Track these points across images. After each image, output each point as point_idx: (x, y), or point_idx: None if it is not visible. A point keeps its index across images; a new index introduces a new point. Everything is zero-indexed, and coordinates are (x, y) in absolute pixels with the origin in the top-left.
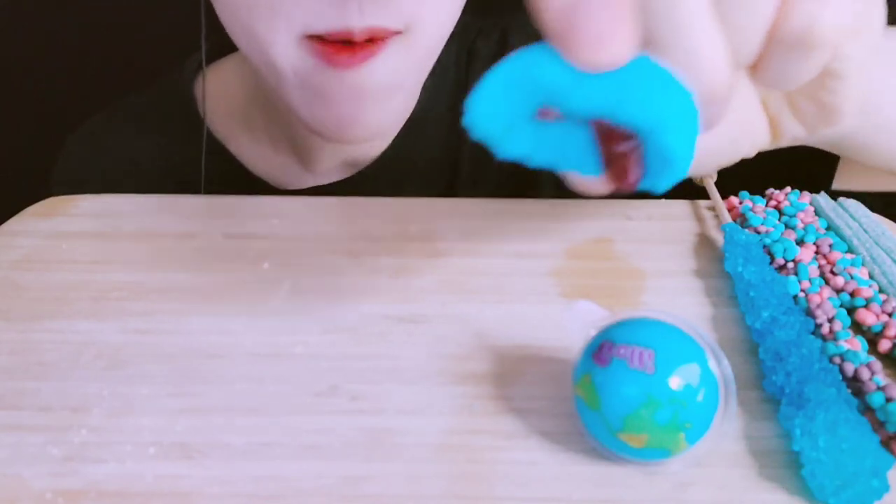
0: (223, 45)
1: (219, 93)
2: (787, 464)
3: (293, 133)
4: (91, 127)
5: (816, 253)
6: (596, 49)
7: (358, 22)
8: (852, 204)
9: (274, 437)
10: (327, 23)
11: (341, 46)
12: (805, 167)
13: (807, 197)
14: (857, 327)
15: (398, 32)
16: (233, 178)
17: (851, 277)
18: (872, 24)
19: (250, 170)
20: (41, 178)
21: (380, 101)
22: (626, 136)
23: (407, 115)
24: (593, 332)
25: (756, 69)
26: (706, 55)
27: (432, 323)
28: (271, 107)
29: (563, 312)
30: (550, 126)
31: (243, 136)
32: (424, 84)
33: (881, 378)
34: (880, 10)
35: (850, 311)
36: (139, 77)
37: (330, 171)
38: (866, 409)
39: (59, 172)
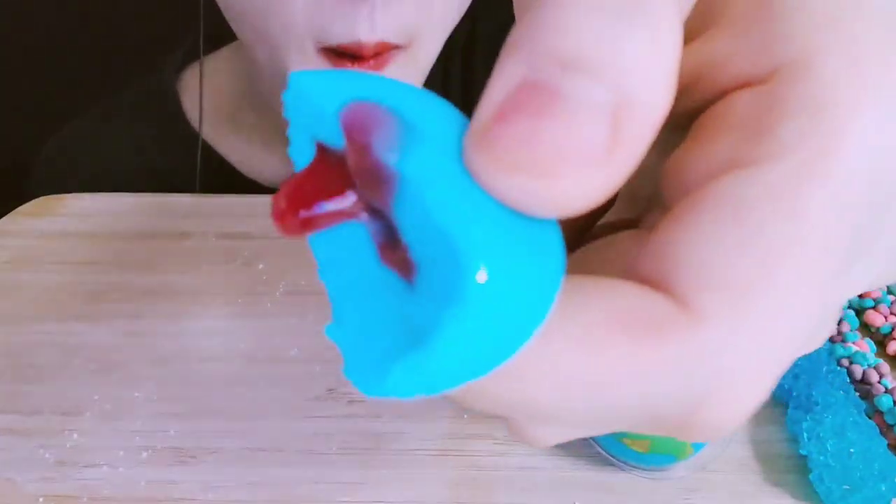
0: (206, 42)
1: (204, 90)
2: (794, 468)
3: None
4: (72, 127)
5: None
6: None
7: (368, 36)
8: None
9: (269, 442)
10: (339, 37)
11: (349, 60)
12: None
13: None
14: (866, 329)
15: (400, 47)
16: (222, 177)
17: None
18: None
19: (238, 168)
20: (20, 177)
21: None
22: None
23: None
24: None
25: None
26: None
27: None
28: (265, 105)
29: None
30: None
31: (231, 134)
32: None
33: (889, 381)
34: None
35: (859, 312)
36: (122, 75)
37: None
38: (875, 413)
39: (39, 172)
